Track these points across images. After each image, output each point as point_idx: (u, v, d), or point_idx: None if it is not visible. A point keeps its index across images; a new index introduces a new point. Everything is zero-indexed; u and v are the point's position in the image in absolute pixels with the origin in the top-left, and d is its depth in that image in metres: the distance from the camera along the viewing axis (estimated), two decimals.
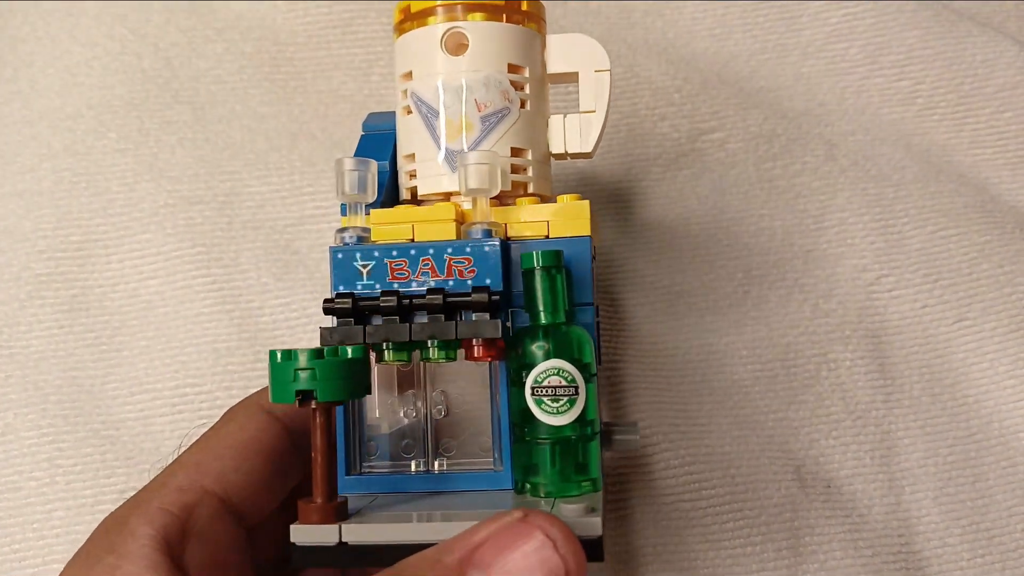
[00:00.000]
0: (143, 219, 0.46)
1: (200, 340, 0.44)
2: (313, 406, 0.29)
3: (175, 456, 0.33)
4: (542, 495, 0.31)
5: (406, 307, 0.31)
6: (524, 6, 0.35)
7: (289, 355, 0.28)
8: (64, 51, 0.49)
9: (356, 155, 0.35)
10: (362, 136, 0.37)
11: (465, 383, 0.34)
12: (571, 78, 0.36)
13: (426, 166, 0.34)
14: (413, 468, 0.34)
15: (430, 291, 0.31)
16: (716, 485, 0.42)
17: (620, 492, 0.42)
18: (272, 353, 0.29)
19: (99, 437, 0.42)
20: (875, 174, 0.49)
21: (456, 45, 0.34)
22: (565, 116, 0.35)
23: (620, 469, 0.42)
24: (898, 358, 0.46)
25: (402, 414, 0.34)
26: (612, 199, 0.49)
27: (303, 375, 0.28)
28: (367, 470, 0.33)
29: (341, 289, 0.31)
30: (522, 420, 0.31)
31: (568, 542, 0.26)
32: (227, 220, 0.46)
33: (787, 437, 0.44)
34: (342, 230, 0.32)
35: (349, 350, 0.29)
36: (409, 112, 0.34)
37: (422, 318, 0.31)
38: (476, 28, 0.34)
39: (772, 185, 0.49)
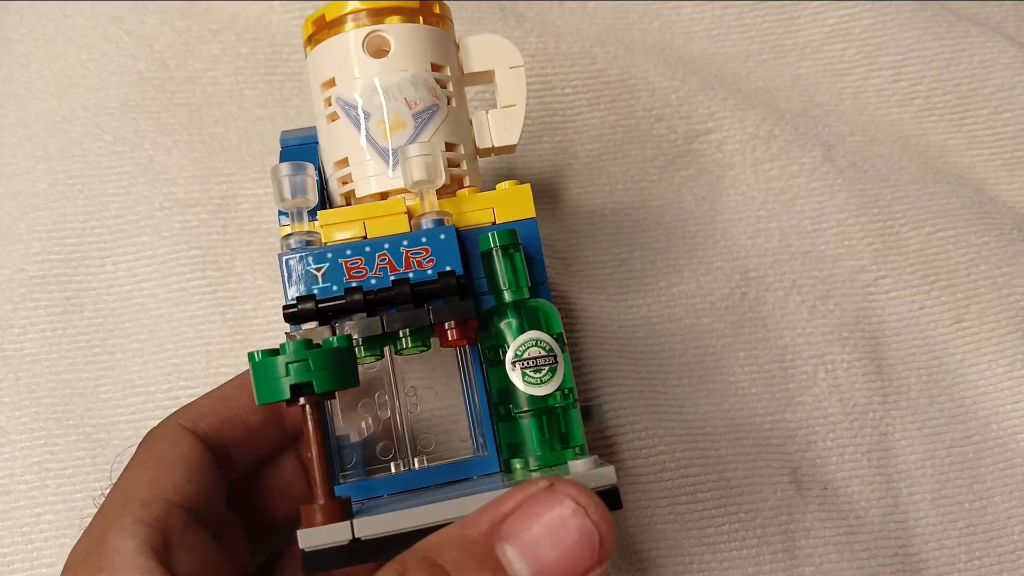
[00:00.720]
0: (138, 222, 0.46)
1: (194, 343, 0.43)
2: (302, 403, 0.28)
3: (112, 479, 0.33)
4: (532, 468, 0.31)
5: (373, 301, 0.30)
6: (436, 8, 0.36)
7: (274, 351, 0.28)
8: (59, 53, 0.49)
9: None
10: (282, 151, 0.36)
11: (432, 378, 0.34)
12: (487, 77, 0.37)
13: (361, 168, 0.34)
14: (394, 469, 0.33)
15: (395, 283, 0.31)
16: (712, 488, 0.42)
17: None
18: (251, 354, 0.28)
19: (91, 440, 0.42)
20: (873, 175, 0.49)
21: (377, 49, 0.34)
22: (488, 112, 0.36)
23: (616, 474, 0.42)
24: (896, 359, 0.46)
25: (363, 425, 0.34)
26: (609, 200, 0.48)
27: (295, 368, 0.27)
28: (344, 480, 0.33)
29: (297, 293, 0.31)
30: (503, 398, 0.31)
31: (598, 508, 0.26)
32: (223, 223, 0.46)
33: (784, 439, 0.44)
34: (287, 237, 0.32)
35: (334, 339, 0.29)
36: (335, 119, 0.35)
37: (388, 312, 0.31)
38: (397, 30, 0.34)
39: (769, 186, 0.48)
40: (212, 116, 0.48)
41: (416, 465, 0.33)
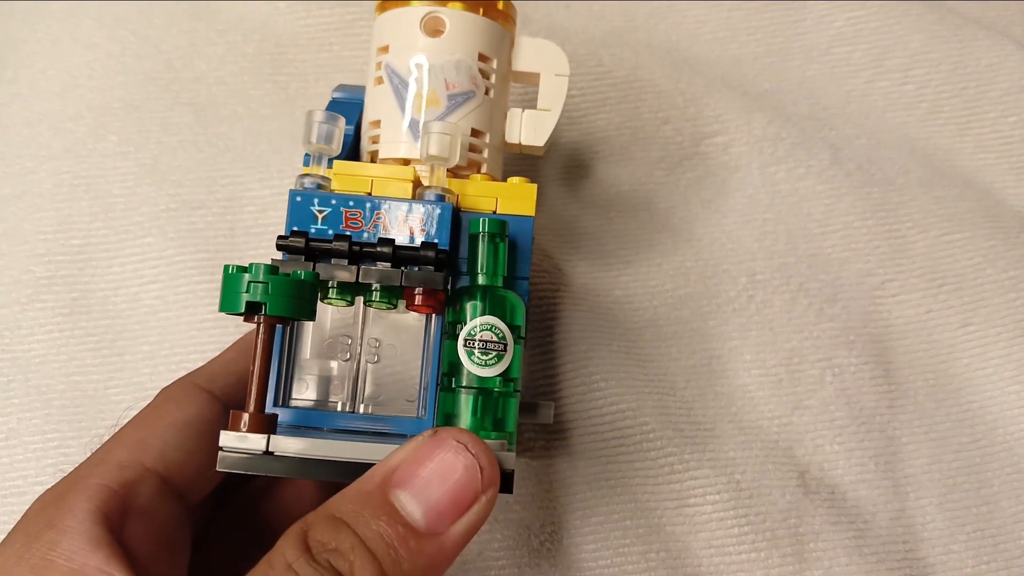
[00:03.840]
0: (144, 223, 0.45)
1: (205, 346, 0.43)
2: (258, 321, 0.30)
3: (111, 434, 0.33)
4: None
5: (357, 252, 0.33)
6: (500, 5, 0.38)
7: (244, 268, 0.30)
8: (65, 52, 0.48)
9: None
10: (331, 101, 0.40)
11: (400, 335, 0.36)
12: (533, 79, 0.39)
13: (390, 132, 0.37)
14: (339, 408, 0.35)
15: (381, 240, 0.33)
16: (721, 490, 0.42)
17: (624, 497, 0.42)
18: (226, 267, 0.30)
19: (103, 442, 0.42)
20: (879, 178, 0.49)
21: (433, 29, 0.37)
22: (524, 110, 0.38)
23: (624, 474, 0.42)
24: (903, 363, 0.46)
25: (333, 364, 0.36)
26: (615, 203, 0.48)
27: (255, 287, 0.30)
28: (294, 403, 0.35)
29: (295, 229, 0.33)
30: (451, 370, 0.33)
31: (476, 443, 0.29)
32: (229, 226, 0.45)
33: (791, 443, 0.44)
34: (303, 176, 0.34)
35: (301, 273, 0.31)
36: (380, 82, 0.37)
37: (368, 265, 0.33)
38: (454, 15, 0.37)
39: (776, 189, 0.48)
40: (217, 116, 0.48)
41: (360, 410, 0.36)
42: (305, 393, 0.36)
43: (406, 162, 0.36)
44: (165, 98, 0.48)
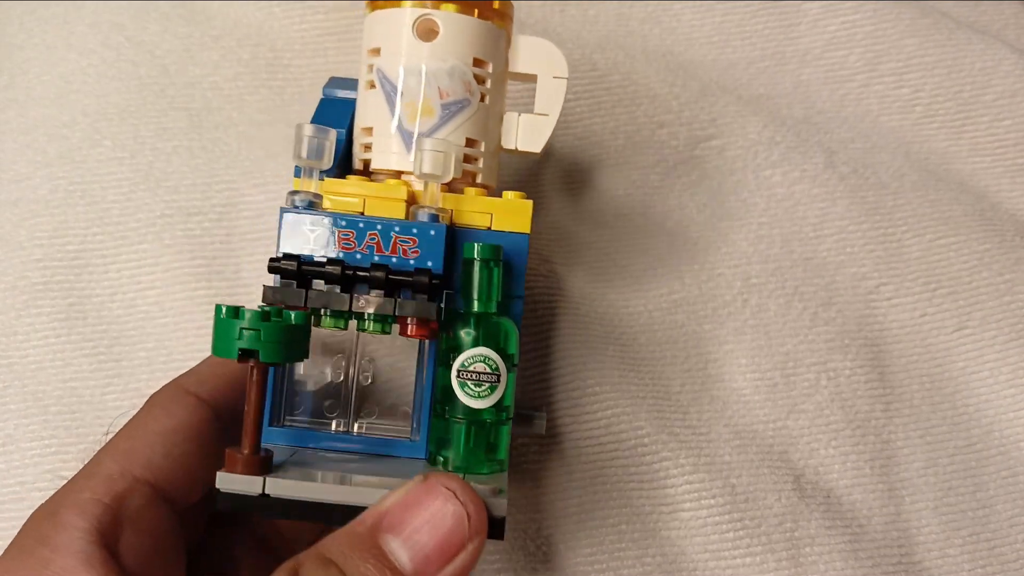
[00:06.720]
0: (140, 229, 0.45)
1: (201, 352, 0.43)
2: (252, 366, 0.30)
3: (102, 443, 0.33)
4: (450, 469, 0.33)
5: (349, 277, 0.32)
6: (496, 4, 0.36)
7: (236, 312, 0.30)
8: (60, 58, 0.48)
9: (315, 118, 0.36)
10: (322, 100, 0.38)
11: (394, 353, 0.36)
12: (530, 79, 0.38)
13: (382, 142, 0.35)
14: (334, 427, 0.35)
15: (374, 265, 0.32)
16: (716, 495, 0.42)
17: (619, 501, 0.42)
18: (218, 308, 0.30)
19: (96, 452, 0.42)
20: (874, 182, 0.49)
21: (426, 31, 0.35)
22: (520, 115, 0.37)
23: (619, 479, 0.42)
24: (898, 367, 0.46)
25: (329, 374, 0.36)
26: (610, 207, 0.48)
27: (247, 334, 0.30)
28: (289, 423, 0.35)
29: (287, 251, 0.33)
30: (444, 398, 0.33)
31: (465, 491, 0.29)
32: (226, 232, 0.45)
33: (787, 447, 0.44)
34: (294, 193, 0.33)
35: (292, 315, 0.30)
36: (372, 87, 0.36)
37: (363, 289, 0.32)
38: (448, 18, 0.35)
39: (771, 192, 0.48)
40: (212, 121, 0.48)
41: (355, 430, 0.36)
42: (301, 411, 0.35)
43: (399, 174, 0.35)
44: (160, 103, 0.48)
